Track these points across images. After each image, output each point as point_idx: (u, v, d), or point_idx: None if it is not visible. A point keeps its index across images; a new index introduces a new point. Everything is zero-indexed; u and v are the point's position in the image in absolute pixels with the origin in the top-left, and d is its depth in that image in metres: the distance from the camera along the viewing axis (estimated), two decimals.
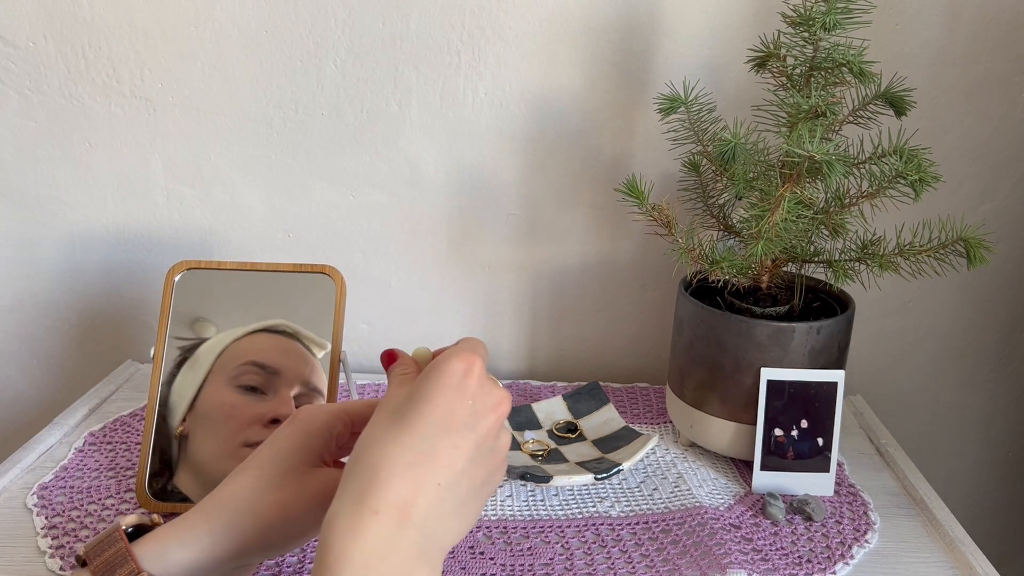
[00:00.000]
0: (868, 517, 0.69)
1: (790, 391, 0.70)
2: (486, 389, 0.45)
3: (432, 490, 0.41)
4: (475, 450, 0.43)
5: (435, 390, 0.43)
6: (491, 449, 0.45)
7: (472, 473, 0.43)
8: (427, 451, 0.41)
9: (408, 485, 0.40)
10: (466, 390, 0.44)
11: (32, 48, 0.87)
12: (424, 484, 0.40)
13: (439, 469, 0.41)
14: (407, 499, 0.40)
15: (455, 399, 0.43)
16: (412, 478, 0.40)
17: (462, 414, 0.43)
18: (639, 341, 0.99)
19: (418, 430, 0.42)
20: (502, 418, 0.45)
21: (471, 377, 0.44)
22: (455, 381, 0.43)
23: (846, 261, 0.72)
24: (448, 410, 0.43)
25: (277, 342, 0.70)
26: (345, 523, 0.39)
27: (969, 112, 0.89)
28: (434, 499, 0.41)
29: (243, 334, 0.70)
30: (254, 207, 0.93)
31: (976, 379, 1.01)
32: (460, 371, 0.44)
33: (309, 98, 0.89)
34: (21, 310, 0.98)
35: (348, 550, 0.38)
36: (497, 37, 0.87)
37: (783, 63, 0.70)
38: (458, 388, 0.43)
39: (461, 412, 0.43)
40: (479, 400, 0.44)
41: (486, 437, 0.44)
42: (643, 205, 0.72)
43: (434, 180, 0.92)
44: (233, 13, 0.86)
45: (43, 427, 0.79)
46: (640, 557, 0.63)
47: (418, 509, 0.40)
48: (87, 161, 0.92)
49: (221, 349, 0.70)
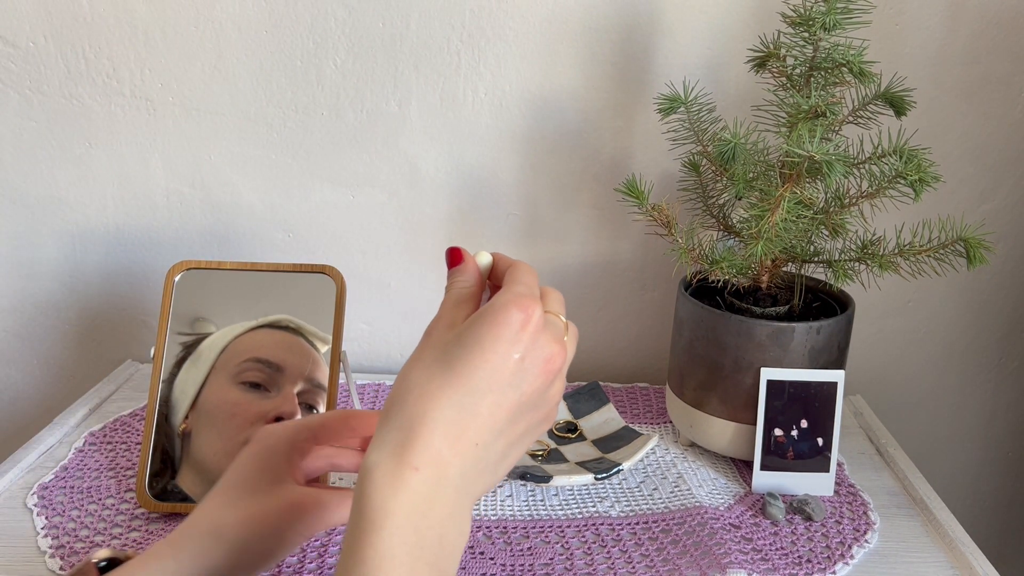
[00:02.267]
0: (868, 517, 0.69)
1: (790, 391, 0.70)
2: (540, 343, 0.42)
3: (470, 450, 0.40)
4: (517, 408, 0.42)
5: (486, 341, 0.40)
6: (535, 405, 0.43)
7: (511, 431, 0.42)
8: (470, 407, 0.40)
9: (448, 442, 0.39)
10: (519, 343, 0.41)
11: (32, 48, 0.87)
12: (463, 442, 0.40)
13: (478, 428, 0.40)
14: (446, 456, 0.39)
15: (506, 354, 0.40)
16: (452, 435, 0.40)
17: (509, 370, 0.41)
18: (639, 341, 0.99)
19: (463, 384, 0.40)
20: (552, 374, 0.43)
21: (527, 329, 0.41)
22: (510, 333, 0.41)
23: (846, 261, 0.72)
24: (497, 364, 0.40)
25: (280, 338, 0.70)
26: (386, 477, 0.38)
27: (969, 112, 0.89)
28: (471, 458, 0.40)
29: (246, 330, 0.70)
30: (254, 207, 0.93)
31: (976, 379, 1.01)
32: (517, 323, 0.41)
33: (309, 98, 0.89)
34: (21, 310, 0.98)
35: (389, 504, 0.38)
36: (497, 37, 0.87)
37: (783, 63, 0.70)
38: (512, 341, 0.41)
39: (509, 368, 0.41)
40: (530, 357, 0.41)
41: (532, 395, 0.42)
42: (643, 205, 0.72)
43: (434, 180, 0.92)
44: (233, 13, 0.86)
45: (43, 427, 0.79)
46: (640, 557, 0.63)
47: (455, 466, 0.40)
48: (87, 161, 0.92)
49: (224, 345, 0.70)
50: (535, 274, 0.46)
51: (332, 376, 0.69)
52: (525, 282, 0.44)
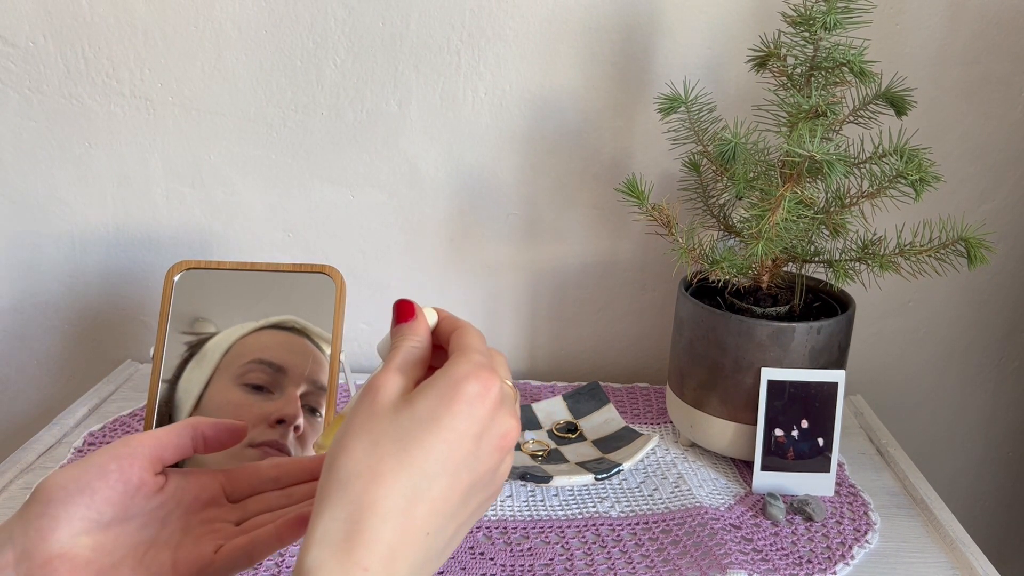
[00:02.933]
0: (868, 517, 0.69)
1: (790, 391, 0.70)
2: (497, 420, 0.39)
3: (420, 540, 0.37)
4: (469, 489, 0.38)
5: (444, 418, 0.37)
6: (485, 484, 0.39)
7: (462, 513, 0.39)
8: (420, 495, 0.36)
9: (398, 535, 0.36)
10: (476, 420, 0.38)
11: (32, 48, 0.87)
12: (413, 534, 0.36)
13: (429, 516, 0.37)
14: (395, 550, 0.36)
15: (464, 432, 0.37)
16: (402, 527, 0.36)
17: (465, 450, 0.38)
18: (639, 341, 0.99)
19: (416, 468, 0.36)
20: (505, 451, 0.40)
21: (485, 405, 0.38)
22: (468, 409, 0.38)
23: (846, 261, 0.72)
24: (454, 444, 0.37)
25: (284, 339, 0.70)
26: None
27: (969, 112, 0.89)
28: (421, 549, 0.37)
29: (250, 330, 0.70)
30: (254, 207, 0.93)
31: (976, 379, 1.01)
32: (477, 398, 0.38)
33: (309, 98, 0.89)
34: (21, 310, 0.98)
35: None
36: (497, 37, 0.87)
37: (783, 63, 0.70)
38: (470, 418, 0.38)
39: (465, 447, 0.38)
40: (487, 435, 0.38)
41: (484, 474, 0.39)
42: (643, 205, 0.72)
43: (434, 180, 0.92)
44: (233, 13, 0.86)
45: (42, 427, 0.79)
46: (640, 557, 0.63)
47: (404, 563, 0.36)
48: (87, 161, 0.92)
49: (228, 346, 0.69)
50: (484, 338, 0.42)
51: (332, 377, 0.69)
52: (479, 349, 0.41)
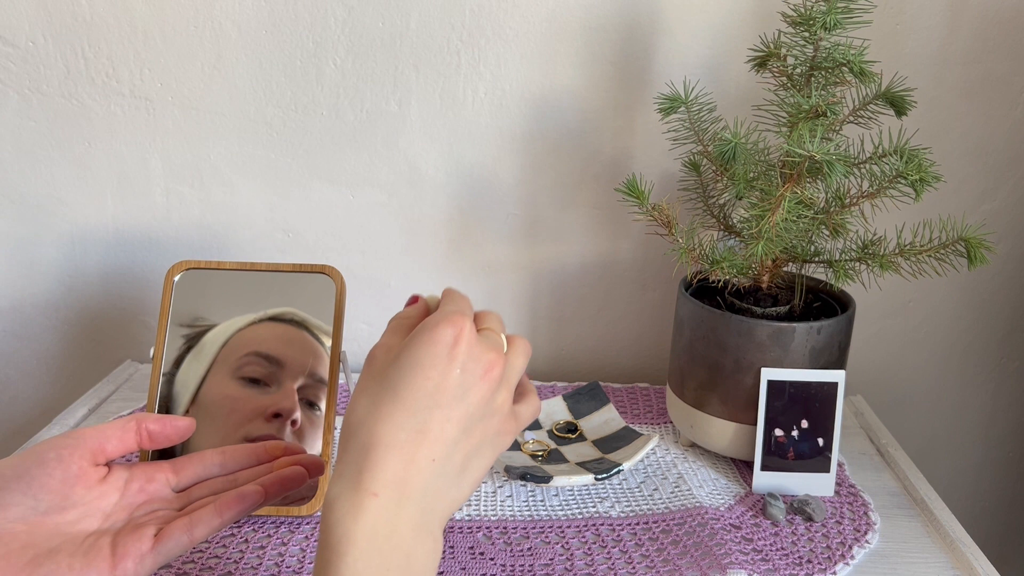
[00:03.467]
0: (868, 517, 0.69)
1: (790, 391, 0.70)
2: (475, 355, 0.43)
3: (427, 465, 0.41)
4: (466, 419, 0.43)
5: (423, 360, 0.42)
6: (484, 415, 0.44)
7: (466, 442, 0.43)
8: (418, 427, 0.41)
9: (402, 463, 0.41)
10: (455, 359, 0.43)
11: (32, 48, 0.87)
12: (418, 460, 0.41)
13: (431, 444, 0.42)
14: (403, 477, 0.41)
15: (445, 368, 0.42)
16: (406, 456, 0.41)
17: (451, 385, 0.42)
18: (639, 341, 0.99)
19: (408, 405, 0.42)
20: (494, 381, 0.44)
21: (460, 344, 0.43)
22: (444, 350, 0.42)
23: (846, 261, 0.72)
24: (438, 380, 0.42)
25: (282, 331, 0.69)
26: (345, 506, 0.40)
27: (969, 112, 0.89)
28: (429, 474, 0.41)
29: (248, 323, 0.70)
30: (254, 207, 0.93)
31: (976, 379, 1.01)
32: (448, 338, 0.43)
33: (309, 98, 0.89)
34: (21, 310, 0.97)
35: (351, 532, 0.39)
36: (497, 37, 0.87)
37: (783, 63, 0.70)
38: (447, 357, 0.42)
39: (450, 383, 0.42)
40: (468, 369, 0.43)
41: (477, 405, 0.43)
42: (643, 205, 0.72)
43: (434, 180, 0.92)
44: (233, 13, 0.86)
45: (42, 427, 0.79)
46: (640, 557, 0.63)
47: (414, 485, 0.41)
48: (87, 161, 0.92)
49: (225, 339, 0.69)
50: (467, 298, 0.48)
51: (332, 377, 0.69)
52: (455, 301, 0.46)
